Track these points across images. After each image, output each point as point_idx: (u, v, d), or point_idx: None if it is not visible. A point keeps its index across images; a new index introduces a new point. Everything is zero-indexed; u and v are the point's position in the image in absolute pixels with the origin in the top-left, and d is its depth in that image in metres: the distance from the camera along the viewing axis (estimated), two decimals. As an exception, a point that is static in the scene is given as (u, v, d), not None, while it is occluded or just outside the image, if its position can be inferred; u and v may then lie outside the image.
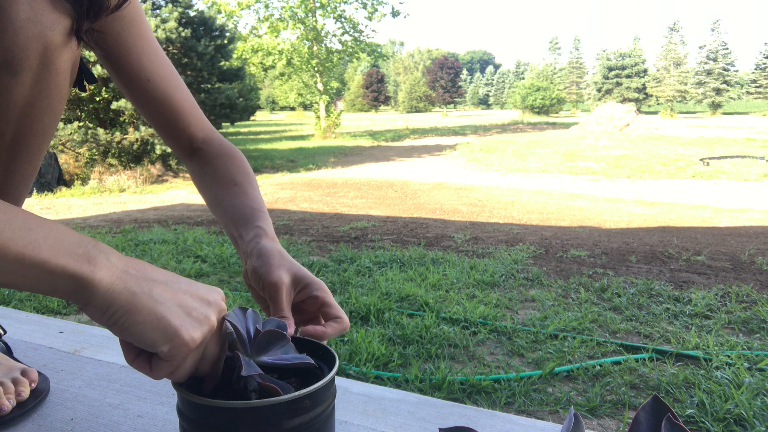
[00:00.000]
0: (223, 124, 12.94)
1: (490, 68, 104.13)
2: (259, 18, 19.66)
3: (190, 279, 0.51)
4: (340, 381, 0.85)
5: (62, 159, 10.23)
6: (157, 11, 10.39)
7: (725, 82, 56.81)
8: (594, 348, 2.30)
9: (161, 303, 0.45)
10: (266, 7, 19.56)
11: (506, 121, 34.60)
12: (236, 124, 19.96)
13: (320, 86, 20.14)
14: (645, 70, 62.13)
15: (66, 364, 0.91)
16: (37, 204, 7.30)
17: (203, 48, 10.43)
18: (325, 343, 0.61)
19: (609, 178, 9.19)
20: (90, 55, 7.79)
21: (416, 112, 69.82)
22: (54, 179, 9.17)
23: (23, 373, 0.80)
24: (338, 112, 20.99)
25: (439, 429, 0.47)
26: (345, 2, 19.97)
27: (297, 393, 0.49)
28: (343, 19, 20.42)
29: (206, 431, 0.50)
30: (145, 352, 0.48)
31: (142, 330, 0.45)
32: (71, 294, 0.44)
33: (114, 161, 10.13)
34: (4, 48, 0.57)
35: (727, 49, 58.15)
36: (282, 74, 21.43)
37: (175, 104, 0.77)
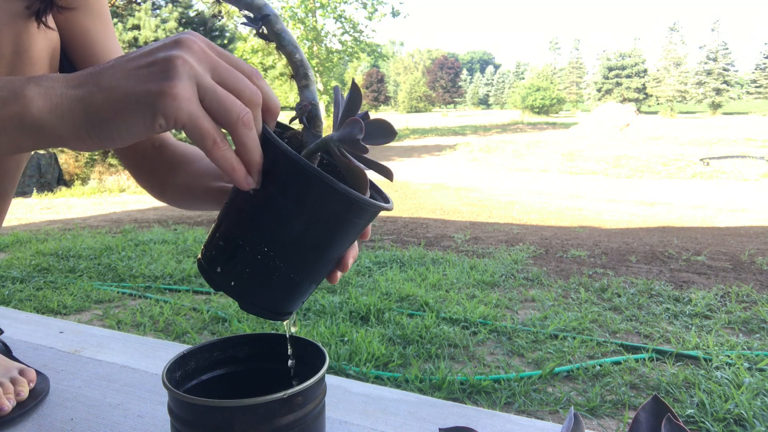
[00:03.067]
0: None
1: (490, 68, 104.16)
2: (259, 18, 19.62)
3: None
4: (340, 381, 0.85)
5: (62, 159, 10.23)
6: (157, 11, 10.39)
7: (725, 82, 56.82)
8: (594, 348, 2.30)
9: (115, 86, 0.38)
10: (266, 7, 19.54)
11: (506, 121, 34.60)
12: (236, 124, 20.01)
13: (320, 86, 20.14)
14: (645, 70, 62.15)
15: (66, 364, 0.91)
16: (37, 204, 7.30)
17: (203, 48, 10.42)
18: (319, 343, 0.61)
19: (609, 178, 9.19)
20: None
21: (416, 112, 69.84)
22: (54, 179, 9.18)
23: (21, 372, 0.80)
24: (338, 112, 20.96)
25: (439, 429, 0.47)
26: (345, 2, 19.98)
27: (290, 390, 0.49)
28: (343, 19, 20.42)
29: (200, 431, 0.49)
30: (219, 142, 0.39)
31: (120, 124, 0.38)
32: (28, 140, 0.39)
33: (114, 161, 10.13)
34: None
35: (727, 49, 58.15)
36: (282, 74, 21.43)
37: None
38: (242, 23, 0.46)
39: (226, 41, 11.30)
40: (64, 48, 0.71)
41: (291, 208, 0.42)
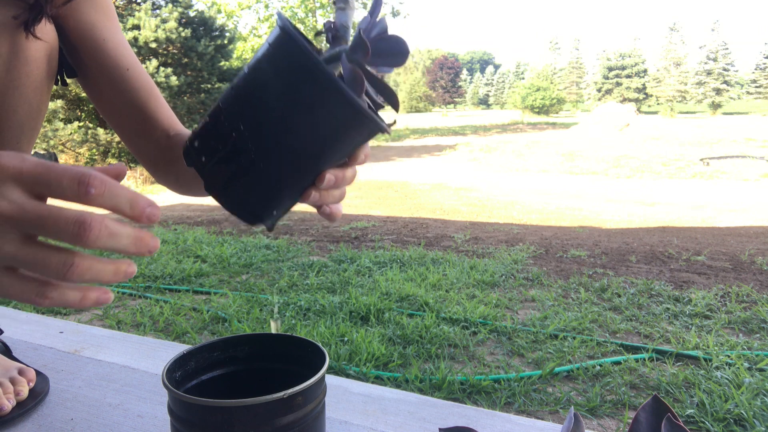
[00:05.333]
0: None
1: (490, 68, 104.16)
2: (259, 18, 19.67)
3: None
4: (340, 381, 0.85)
5: (62, 159, 10.23)
6: (157, 11, 10.39)
7: (725, 82, 56.84)
8: (594, 348, 2.30)
9: None
10: (266, 7, 19.58)
11: (506, 121, 34.60)
12: (236, 124, 20.04)
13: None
14: (645, 70, 62.14)
15: (66, 364, 0.91)
16: (37, 204, 7.30)
17: (203, 48, 10.43)
18: (319, 343, 0.61)
19: (609, 178, 9.19)
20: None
21: (416, 112, 69.81)
22: (54, 179, 9.18)
23: (20, 372, 0.80)
24: (338, 112, 20.99)
25: (439, 429, 0.47)
26: (345, 2, 20.00)
27: (290, 390, 0.49)
28: (343, 19, 20.43)
29: (200, 431, 0.49)
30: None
31: None
32: None
33: (114, 161, 10.13)
34: None
35: (727, 49, 58.17)
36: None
37: (154, 93, 0.75)
38: None
39: (226, 41, 11.30)
40: (75, 43, 0.70)
41: (287, 99, 0.41)
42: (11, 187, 0.33)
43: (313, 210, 0.50)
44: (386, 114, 0.49)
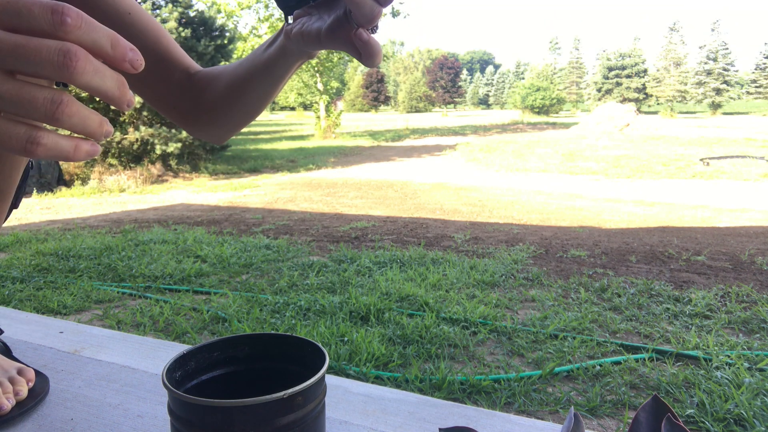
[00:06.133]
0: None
1: (490, 68, 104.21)
2: (259, 18, 19.66)
3: None
4: (340, 381, 0.85)
5: (62, 159, 10.23)
6: (157, 11, 10.39)
7: (725, 82, 56.85)
8: (594, 348, 2.30)
9: None
10: (266, 7, 19.56)
11: (506, 121, 34.60)
12: (236, 124, 20.02)
13: (320, 86, 20.14)
14: (645, 70, 62.15)
15: (66, 364, 0.91)
16: (37, 204, 7.30)
17: (203, 48, 10.43)
18: (319, 344, 0.61)
19: (609, 178, 9.19)
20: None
21: (416, 112, 69.81)
22: (54, 179, 9.18)
23: (20, 372, 0.80)
24: (338, 112, 21.01)
25: (439, 429, 0.47)
26: (345, 2, 19.96)
27: (290, 390, 0.49)
28: (343, 19, 20.39)
29: (200, 431, 0.49)
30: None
31: None
32: None
33: (114, 161, 10.13)
34: None
35: (727, 49, 58.18)
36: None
37: (164, 33, 0.72)
38: None
39: (226, 41, 11.30)
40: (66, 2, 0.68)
41: None
42: None
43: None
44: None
